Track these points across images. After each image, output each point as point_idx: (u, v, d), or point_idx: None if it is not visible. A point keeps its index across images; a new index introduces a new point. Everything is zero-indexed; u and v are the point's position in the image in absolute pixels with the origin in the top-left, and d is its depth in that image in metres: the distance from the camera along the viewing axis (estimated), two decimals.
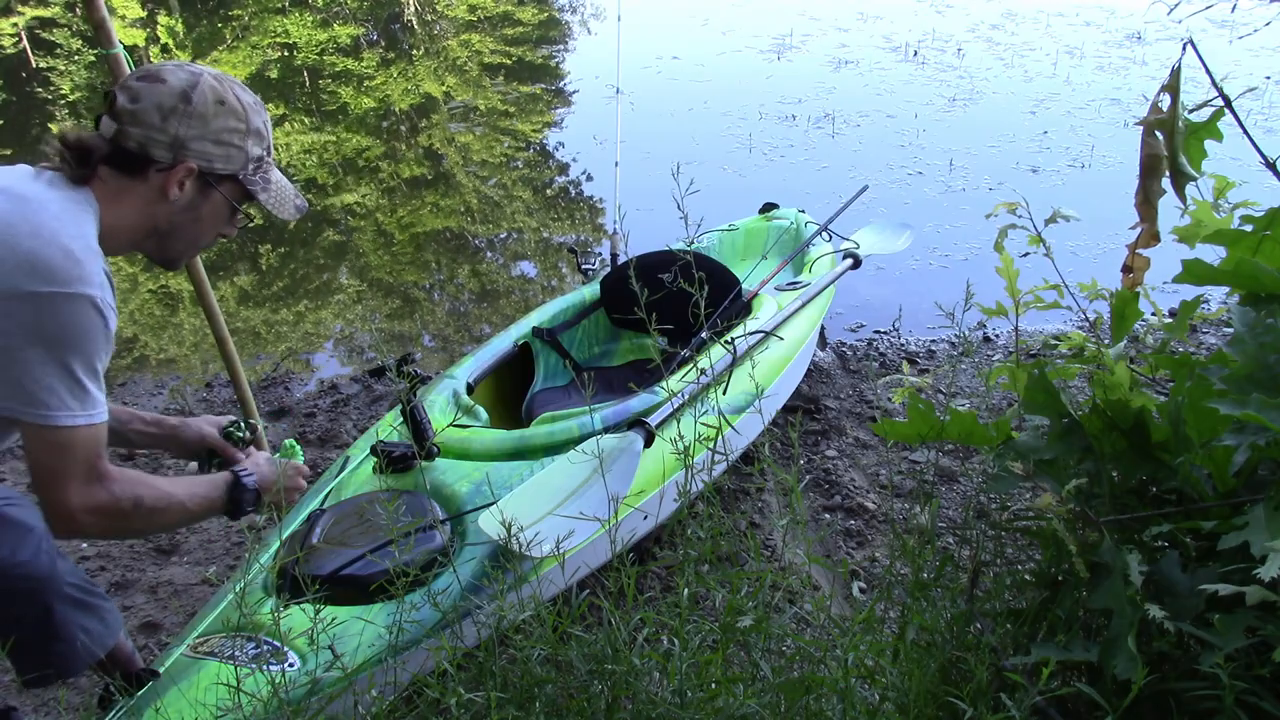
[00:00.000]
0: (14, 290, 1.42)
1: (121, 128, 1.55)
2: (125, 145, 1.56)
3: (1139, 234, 1.59)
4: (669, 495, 2.35)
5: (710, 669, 1.45)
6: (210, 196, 1.64)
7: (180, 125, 1.56)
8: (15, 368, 1.44)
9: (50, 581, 1.62)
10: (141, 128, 1.55)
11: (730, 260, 3.79)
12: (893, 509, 2.88)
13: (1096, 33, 9.09)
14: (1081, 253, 4.82)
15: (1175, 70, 1.47)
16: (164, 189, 1.59)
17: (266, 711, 1.38)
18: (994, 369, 1.62)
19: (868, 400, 3.71)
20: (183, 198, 1.61)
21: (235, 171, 1.65)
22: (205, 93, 1.58)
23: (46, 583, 1.61)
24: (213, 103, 1.59)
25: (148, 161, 1.57)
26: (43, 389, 1.46)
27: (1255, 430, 1.17)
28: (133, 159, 1.56)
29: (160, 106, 1.55)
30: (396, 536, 1.47)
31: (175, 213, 1.62)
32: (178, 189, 1.59)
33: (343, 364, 4.40)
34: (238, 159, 1.64)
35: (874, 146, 6.52)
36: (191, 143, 1.58)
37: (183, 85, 1.57)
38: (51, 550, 1.63)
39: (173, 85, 1.56)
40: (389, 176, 6.57)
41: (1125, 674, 1.15)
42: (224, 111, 1.60)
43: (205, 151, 1.59)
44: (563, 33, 10.61)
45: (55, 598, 1.63)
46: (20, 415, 1.47)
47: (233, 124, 1.61)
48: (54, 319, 1.44)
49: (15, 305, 1.42)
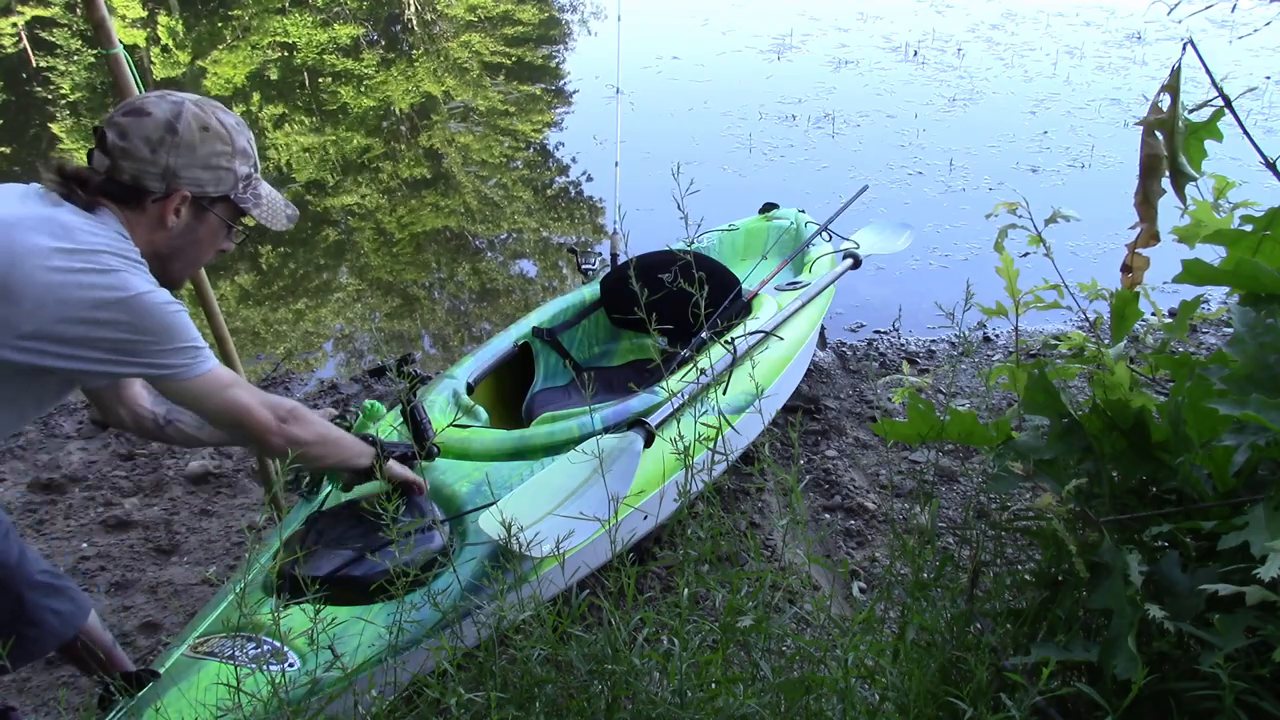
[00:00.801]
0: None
1: (114, 162, 1.61)
2: (119, 179, 1.61)
3: (1139, 234, 1.58)
4: (669, 495, 2.35)
5: (710, 669, 1.45)
6: (206, 219, 1.70)
7: (170, 155, 1.61)
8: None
9: (20, 570, 1.75)
10: (133, 161, 1.60)
11: (730, 260, 3.79)
12: (893, 509, 2.88)
13: (1096, 33, 9.09)
14: (1081, 253, 4.82)
15: (1175, 70, 1.47)
16: (161, 217, 1.64)
17: (266, 711, 1.38)
18: (994, 369, 1.62)
19: (868, 400, 3.71)
20: (179, 224, 1.66)
21: (227, 192, 1.70)
22: (189, 121, 1.63)
23: (15, 570, 1.74)
24: (197, 130, 1.64)
25: (143, 192, 1.62)
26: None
27: (1255, 430, 1.17)
28: (128, 191, 1.62)
29: (148, 139, 1.60)
30: (396, 537, 1.47)
31: (173, 238, 1.67)
32: (174, 216, 1.65)
33: (343, 364, 4.40)
34: (228, 180, 1.69)
35: (874, 146, 6.52)
36: (182, 171, 1.63)
37: (167, 116, 1.62)
38: (18, 540, 1.75)
39: (157, 117, 1.61)
40: (389, 176, 6.57)
41: (1125, 674, 1.15)
42: (209, 137, 1.65)
43: (196, 178, 1.65)
44: (563, 33, 10.61)
45: (25, 585, 1.76)
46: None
47: (219, 147, 1.67)
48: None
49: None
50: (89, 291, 1.47)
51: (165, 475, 3.30)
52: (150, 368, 1.56)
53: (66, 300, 1.45)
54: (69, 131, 7.63)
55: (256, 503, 3.14)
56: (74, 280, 1.46)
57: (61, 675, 2.41)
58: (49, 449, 3.47)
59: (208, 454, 3.41)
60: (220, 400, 1.65)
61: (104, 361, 1.52)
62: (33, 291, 1.43)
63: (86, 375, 1.57)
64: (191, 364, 1.59)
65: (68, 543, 2.95)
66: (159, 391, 1.68)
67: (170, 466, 3.35)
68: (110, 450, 3.46)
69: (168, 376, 1.58)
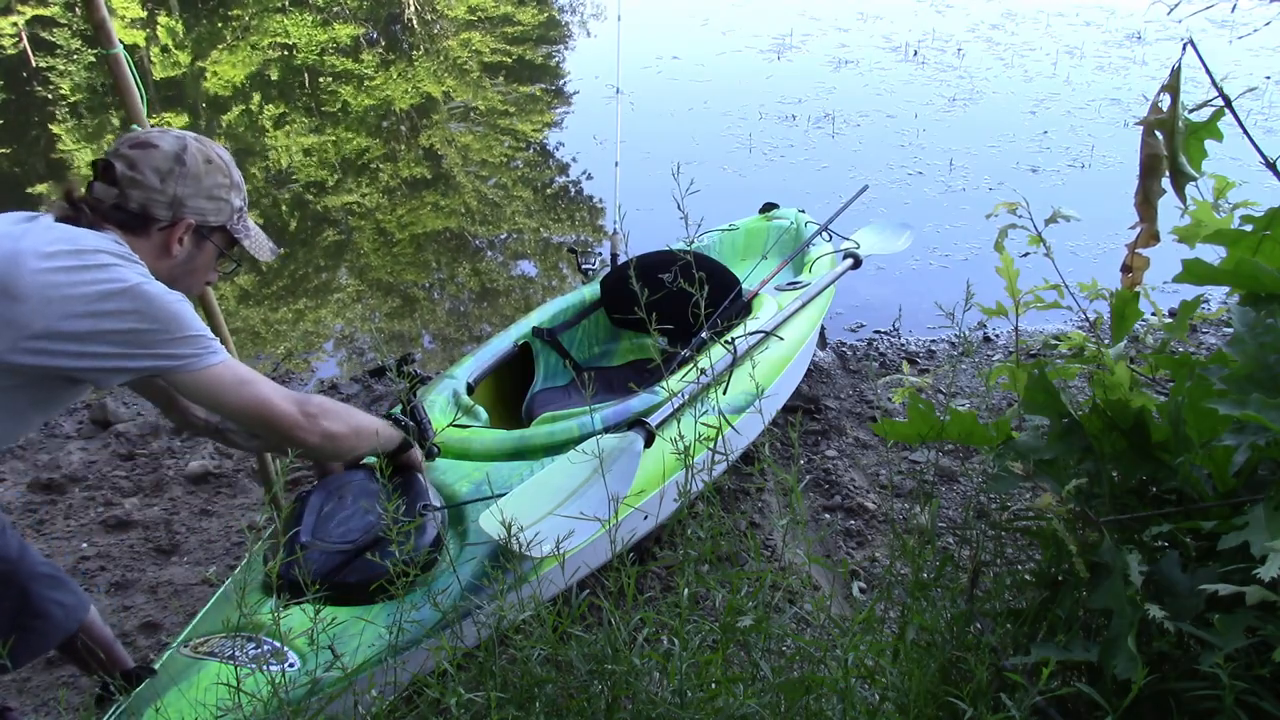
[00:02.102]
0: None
1: (122, 191, 1.66)
2: (127, 207, 1.66)
3: (1139, 234, 1.58)
4: (669, 495, 2.35)
5: (710, 669, 1.45)
6: (204, 248, 1.77)
7: (177, 185, 1.68)
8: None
9: (22, 563, 1.77)
10: (142, 190, 1.66)
11: (730, 260, 3.79)
12: (893, 509, 2.88)
13: (1096, 33, 9.09)
14: (1081, 253, 4.82)
15: (1175, 70, 1.47)
16: (166, 245, 1.71)
17: (266, 711, 1.38)
18: (994, 369, 1.62)
19: (868, 400, 3.71)
20: (183, 252, 1.73)
21: (224, 222, 1.78)
22: (194, 154, 1.71)
23: (18, 564, 1.76)
24: (202, 162, 1.72)
25: (150, 220, 1.68)
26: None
27: (1255, 430, 1.17)
28: (135, 218, 1.67)
29: (157, 170, 1.67)
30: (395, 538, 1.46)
31: (175, 266, 1.73)
32: (179, 245, 1.72)
33: (343, 364, 4.40)
34: (225, 211, 1.77)
35: (874, 146, 6.52)
36: (188, 200, 1.70)
37: (175, 149, 1.69)
38: (18, 535, 1.77)
39: (165, 149, 1.69)
40: (389, 176, 6.57)
41: (1125, 674, 1.15)
42: (212, 169, 1.73)
43: (200, 207, 1.72)
44: (563, 33, 10.61)
45: (28, 577, 1.77)
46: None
47: (220, 179, 1.75)
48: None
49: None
50: (92, 286, 1.50)
51: (165, 475, 3.30)
52: (160, 359, 1.57)
53: (71, 296, 1.48)
54: (69, 131, 7.64)
55: (256, 503, 3.13)
56: (77, 278, 1.50)
57: (61, 675, 2.41)
58: (49, 449, 3.47)
59: (208, 454, 3.41)
60: (239, 396, 1.66)
61: (114, 356, 1.54)
62: (37, 291, 1.47)
63: (97, 374, 1.58)
64: (202, 354, 1.61)
65: (68, 543, 2.94)
66: (175, 390, 1.71)
67: (170, 466, 3.35)
68: (110, 450, 3.46)
69: (179, 368, 1.60)
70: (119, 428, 3.56)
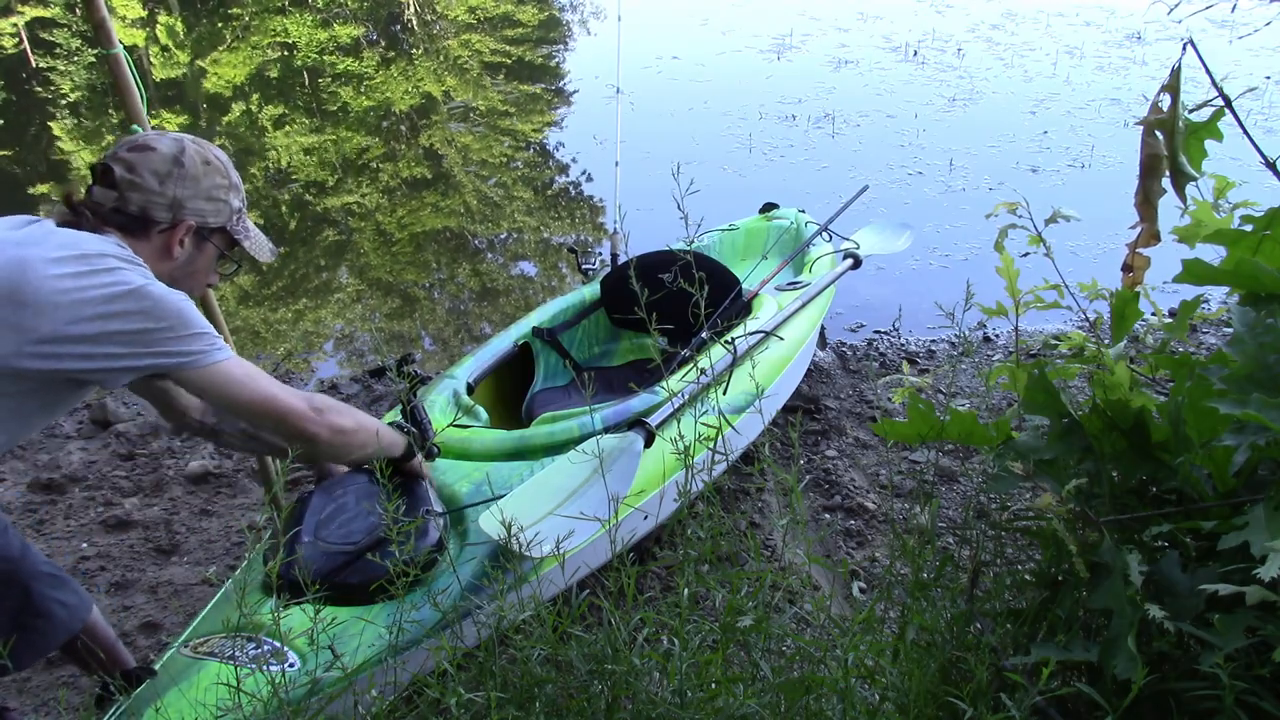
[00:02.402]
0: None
1: (122, 194, 1.66)
2: (127, 210, 1.67)
3: (1139, 234, 1.58)
4: (669, 495, 2.35)
5: (710, 669, 1.45)
6: (205, 249, 1.78)
7: (177, 187, 1.69)
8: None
9: (24, 562, 1.76)
10: (141, 193, 1.67)
11: (730, 260, 3.79)
12: (893, 509, 2.88)
13: (1096, 33, 9.09)
14: (1081, 253, 4.82)
15: (1175, 70, 1.47)
16: (167, 247, 1.71)
17: (266, 711, 1.38)
18: (994, 369, 1.62)
19: (868, 400, 3.71)
20: (183, 253, 1.74)
21: (224, 223, 1.79)
22: (193, 155, 1.71)
23: (20, 563, 1.76)
24: (200, 163, 1.72)
25: (150, 223, 1.69)
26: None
27: (1255, 430, 1.17)
28: (135, 221, 1.67)
29: (156, 172, 1.68)
30: (396, 539, 1.46)
31: (176, 268, 1.74)
32: (179, 246, 1.73)
33: (343, 364, 4.40)
34: (225, 212, 1.78)
35: (874, 146, 6.52)
36: (188, 202, 1.71)
37: (173, 151, 1.70)
38: (19, 535, 1.77)
39: (163, 152, 1.69)
40: (389, 176, 6.57)
41: (1125, 674, 1.15)
42: (211, 170, 1.74)
43: (199, 209, 1.73)
44: (563, 33, 10.61)
45: (30, 577, 1.77)
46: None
47: (218, 180, 1.75)
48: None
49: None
50: (97, 290, 1.51)
51: (165, 475, 3.30)
52: (167, 356, 1.58)
53: (78, 300, 1.49)
54: (69, 132, 7.64)
55: (256, 503, 3.13)
56: (84, 283, 1.50)
57: (61, 675, 2.41)
58: (49, 449, 3.47)
59: (208, 454, 3.41)
60: (248, 391, 1.67)
61: (121, 356, 1.55)
62: (45, 297, 1.47)
63: (105, 374, 1.58)
64: (208, 350, 1.62)
65: (68, 543, 2.94)
66: (182, 387, 1.72)
67: (170, 466, 3.35)
68: (110, 450, 3.46)
69: (186, 365, 1.60)
70: (119, 428, 3.56)
